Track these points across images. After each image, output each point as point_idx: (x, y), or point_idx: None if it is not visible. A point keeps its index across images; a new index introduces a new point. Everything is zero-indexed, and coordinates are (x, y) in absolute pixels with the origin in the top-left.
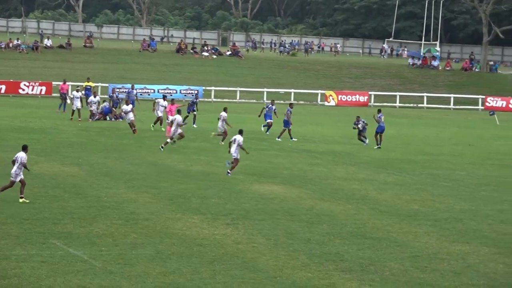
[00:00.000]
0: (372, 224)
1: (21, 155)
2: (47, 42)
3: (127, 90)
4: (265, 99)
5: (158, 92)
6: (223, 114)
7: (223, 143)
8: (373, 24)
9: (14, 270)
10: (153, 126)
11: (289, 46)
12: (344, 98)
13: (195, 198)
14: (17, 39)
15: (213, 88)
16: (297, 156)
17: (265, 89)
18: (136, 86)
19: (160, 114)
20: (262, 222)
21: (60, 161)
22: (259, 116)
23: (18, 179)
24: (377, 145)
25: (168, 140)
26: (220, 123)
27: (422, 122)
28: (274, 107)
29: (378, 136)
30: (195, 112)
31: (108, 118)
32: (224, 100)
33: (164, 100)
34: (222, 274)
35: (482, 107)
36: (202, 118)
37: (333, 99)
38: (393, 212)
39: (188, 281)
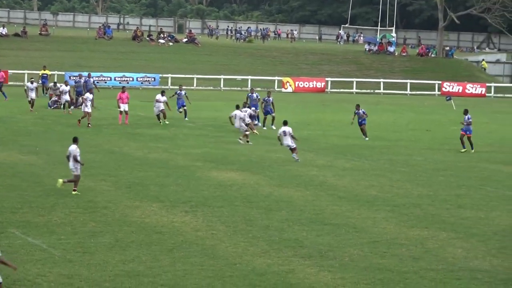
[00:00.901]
0: (331, 210)
1: (72, 149)
2: (3, 30)
3: (84, 78)
4: (222, 86)
5: (115, 79)
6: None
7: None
8: (329, 10)
9: None
10: (164, 121)
11: (245, 33)
12: (301, 84)
13: (153, 185)
14: None
15: (170, 75)
16: (255, 142)
17: (222, 76)
18: (92, 74)
19: (162, 107)
20: (221, 209)
21: (18, 150)
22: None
23: (79, 172)
24: (365, 136)
25: (247, 132)
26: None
27: (379, 108)
28: (271, 99)
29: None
30: (185, 108)
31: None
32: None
33: (163, 95)
34: (182, 262)
35: (439, 93)
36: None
37: (290, 85)
38: (351, 198)
39: (148, 269)
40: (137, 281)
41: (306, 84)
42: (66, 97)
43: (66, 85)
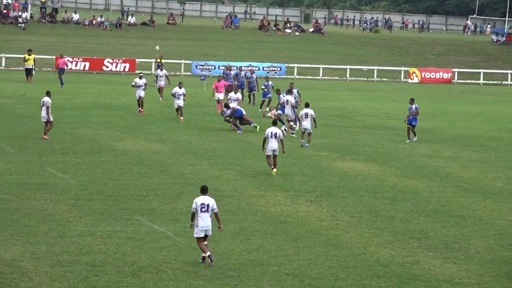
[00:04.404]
0: (456, 201)
1: (278, 130)
2: (131, 19)
3: (247, 76)
4: (347, 76)
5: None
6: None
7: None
8: (457, 0)
9: (99, 246)
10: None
11: (371, 23)
12: (427, 75)
13: (278, 175)
14: (101, 16)
15: (296, 65)
16: (380, 133)
17: (348, 66)
18: (218, 63)
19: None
20: (346, 199)
21: (144, 138)
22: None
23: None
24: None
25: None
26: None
27: (506, 99)
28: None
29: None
30: (254, 92)
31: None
32: (307, 77)
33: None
34: (306, 251)
35: None
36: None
37: (416, 76)
38: (477, 190)
39: (272, 258)
40: (262, 270)
41: (433, 75)
42: (141, 92)
43: (140, 78)
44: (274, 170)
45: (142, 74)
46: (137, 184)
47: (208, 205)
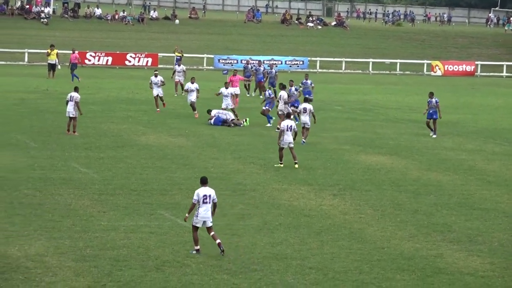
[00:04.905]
0: (480, 194)
1: (292, 123)
2: (153, 13)
3: (267, 71)
4: (370, 69)
5: (263, 63)
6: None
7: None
8: None
9: (123, 241)
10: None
11: (392, 16)
12: (450, 68)
13: (301, 168)
14: (123, 11)
15: (318, 58)
16: (403, 126)
17: (371, 60)
18: (240, 57)
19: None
20: (369, 193)
21: (167, 132)
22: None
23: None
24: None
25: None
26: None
27: None
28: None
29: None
30: (275, 88)
31: None
32: (330, 70)
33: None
34: (330, 245)
35: None
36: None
37: (439, 69)
38: (501, 183)
39: (296, 251)
40: (285, 264)
41: (456, 68)
42: (159, 90)
43: (156, 76)
44: (281, 165)
45: (157, 72)
46: (160, 178)
47: (210, 196)
